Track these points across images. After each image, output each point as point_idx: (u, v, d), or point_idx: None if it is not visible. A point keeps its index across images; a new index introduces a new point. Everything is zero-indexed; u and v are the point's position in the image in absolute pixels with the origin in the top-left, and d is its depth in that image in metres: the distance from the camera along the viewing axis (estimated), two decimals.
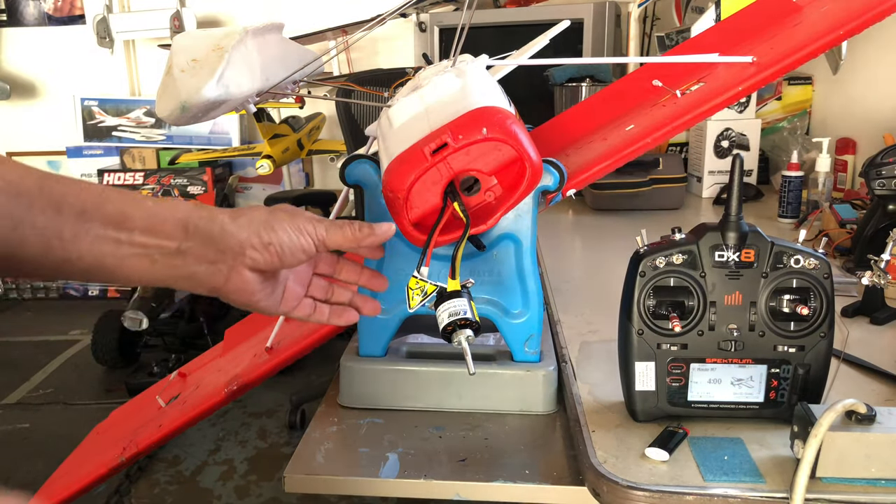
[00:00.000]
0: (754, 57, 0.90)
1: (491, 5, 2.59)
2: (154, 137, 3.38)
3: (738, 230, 0.71)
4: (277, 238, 0.60)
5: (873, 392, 0.82)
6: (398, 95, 0.78)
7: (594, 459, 0.69)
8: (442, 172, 0.68)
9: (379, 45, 3.07)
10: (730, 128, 1.83)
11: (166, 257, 0.57)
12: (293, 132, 2.73)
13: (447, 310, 0.68)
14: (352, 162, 0.82)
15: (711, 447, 0.71)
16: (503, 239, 0.82)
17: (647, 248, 0.73)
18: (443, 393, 0.86)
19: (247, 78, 0.77)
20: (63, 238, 0.53)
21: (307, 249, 0.62)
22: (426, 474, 0.74)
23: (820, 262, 0.71)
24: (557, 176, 0.79)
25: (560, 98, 2.00)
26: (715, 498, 0.64)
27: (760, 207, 1.75)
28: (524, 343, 0.84)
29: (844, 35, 0.88)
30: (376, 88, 1.94)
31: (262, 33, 0.81)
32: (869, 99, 1.87)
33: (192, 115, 0.71)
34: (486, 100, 0.70)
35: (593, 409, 0.79)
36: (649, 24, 2.33)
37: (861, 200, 1.55)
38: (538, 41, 1.06)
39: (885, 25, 0.93)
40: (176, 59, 0.73)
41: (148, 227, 0.56)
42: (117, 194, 0.56)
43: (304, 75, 0.86)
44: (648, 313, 0.73)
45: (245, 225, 0.60)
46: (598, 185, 1.68)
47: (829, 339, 0.72)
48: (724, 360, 0.73)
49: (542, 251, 1.38)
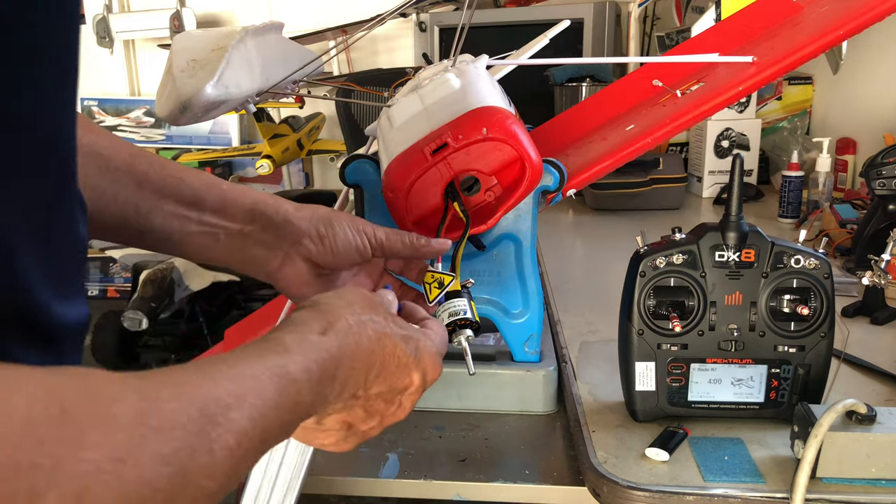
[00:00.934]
0: (754, 57, 0.90)
1: (491, 5, 2.59)
2: (154, 137, 3.38)
3: (738, 230, 0.71)
4: (334, 233, 0.62)
5: (874, 392, 0.82)
6: (398, 95, 0.78)
7: (594, 459, 0.69)
8: (442, 172, 0.68)
9: (379, 45, 3.06)
10: (730, 128, 1.83)
11: (230, 238, 0.60)
12: (293, 132, 2.72)
13: (447, 310, 0.68)
14: (352, 162, 0.81)
15: (711, 447, 0.71)
16: (503, 239, 0.82)
17: (647, 248, 0.73)
18: (443, 393, 0.86)
19: (247, 78, 0.77)
20: (139, 212, 0.57)
21: (362, 251, 0.62)
22: (426, 474, 0.74)
23: (820, 262, 0.71)
24: (557, 176, 0.79)
25: (560, 98, 2.00)
26: (715, 498, 0.64)
27: (761, 207, 1.74)
28: (524, 343, 0.84)
29: (844, 35, 0.88)
30: (376, 88, 1.94)
31: (262, 33, 0.81)
32: (869, 99, 1.86)
33: (191, 115, 0.71)
34: (486, 100, 0.70)
35: (593, 409, 0.79)
36: (649, 24, 2.32)
37: (861, 200, 1.55)
38: (538, 41, 1.06)
39: (885, 25, 0.93)
40: (176, 59, 0.73)
41: (217, 209, 0.60)
42: (195, 176, 0.60)
43: (303, 75, 0.86)
44: (648, 313, 0.73)
45: (306, 217, 0.62)
46: (598, 185, 1.68)
47: (830, 339, 0.72)
48: (724, 360, 0.73)
49: (542, 251, 1.37)
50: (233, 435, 0.31)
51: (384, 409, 0.49)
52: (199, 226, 0.60)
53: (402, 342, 0.47)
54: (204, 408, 0.30)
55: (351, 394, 0.44)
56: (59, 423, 0.24)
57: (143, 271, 2.46)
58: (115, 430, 0.26)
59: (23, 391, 0.24)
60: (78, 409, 0.25)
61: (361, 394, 0.46)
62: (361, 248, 0.62)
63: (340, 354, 0.42)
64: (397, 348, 0.47)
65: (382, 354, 0.46)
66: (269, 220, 0.61)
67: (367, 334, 0.45)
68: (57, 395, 0.25)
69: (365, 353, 0.44)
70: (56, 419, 0.24)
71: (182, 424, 0.28)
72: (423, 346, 0.50)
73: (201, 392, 0.31)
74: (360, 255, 0.63)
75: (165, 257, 2.67)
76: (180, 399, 0.29)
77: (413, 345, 0.48)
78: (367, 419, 0.49)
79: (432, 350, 0.51)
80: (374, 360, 0.45)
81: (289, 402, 0.36)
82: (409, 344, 0.48)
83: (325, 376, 0.40)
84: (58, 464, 0.23)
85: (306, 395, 0.38)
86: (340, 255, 0.62)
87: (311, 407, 0.39)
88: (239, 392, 0.33)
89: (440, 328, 0.55)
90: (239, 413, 0.32)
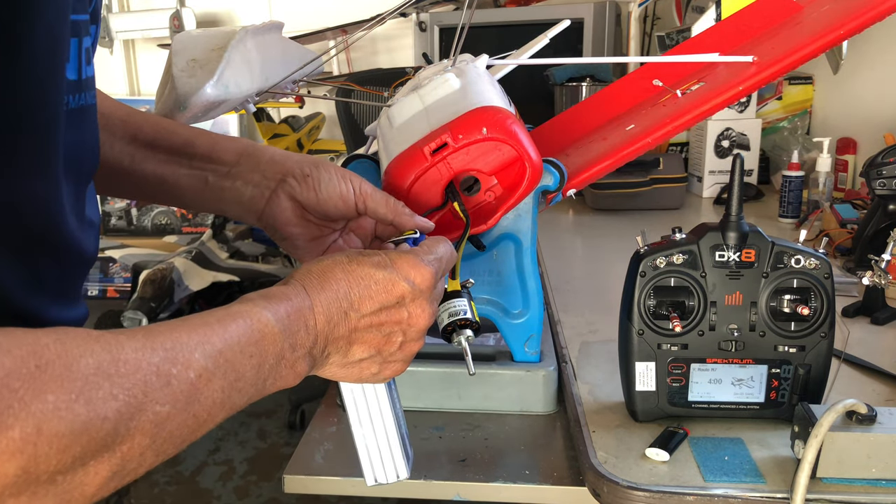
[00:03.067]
0: (754, 57, 0.90)
1: (491, 5, 2.59)
2: None
3: (738, 230, 0.71)
4: (318, 175, 0.63)
5: (874, 392, 0.82)
6: (398, 95, 0.78)
7: (594, 460, 0.69)
8: (442, 172, 0.68)
9: (379, 44, 3.06)
10: (730, 127, 1.83)
11: (218, 179, 0.64)
12: (293, 132, 2.73)
13: (447, 310, 0.68)
14: (352, 162, 0.81)
15: (712, 447, 0.71)
16: (503, 239, 0.82)
17: (647, 248, 0.73)
18: (443, 393, 0.86)
19: (246, 78, 0.77)
20: (134, 160, 0.63)
21: (346, 198, 0.63)
22: (426, 474, 0.74)
23: (820, 262, 0.71)
24: (557, 176, 0.79)
25: (560, 98, 2.00)
26: (715, 498, 0.64)
27: (761, 207, 1.74)
28: (524, 343, 0.84)
29: (844, 35, 0.88)
30: (376, 88, 1.94)
31: (262, 33, 0.81)
32: (869, 99, 1.86)
33: (191, 114, 0.71)
34: (486, 100, 0.70)
35: (593, 409, 0.79)
36: (649, 23, 2.32)
37: (862, 200, 1.55)
38: (538, 41, 1.06)
39: (885, 25, 0.93)
40: (175, 59, 0.73)
41: (207, 153, 0.64)
42: (186, 128, 0.65)
43: (303, 75, 0.86)
44: (649, 313, 0.73)
45: (293, 158, 0.65)
46: (598, 185, 1.68)
47: (830, 339, 0.72)
48: (724, 360, 0.73)
49: (542, 251, 1.37)
50: (193, 370, 0.39)
51: (396, 322, 0.52)
52: (190, 169, 0.64)
53: (371, 265, 0.52)
54: (168, 351, 0.38)
55: (342, 318, 0.50)
56: (31, 377, 0.32)
57: (142, 271, 2.46)
58: (74, 379, 0.33)
59: (11, 352, 0.32)
60: (50, 364, 0.33)
61: (354, 315, 0.50)
62: (345, 195, 0.63)
63: (306, 292, 0.48)
64: (370, 269, 0.51)
65: (357, 278, 0.50)
66: (255, 159, 0.64)
67: (332, 269, 0.50)
68: (35, 353, 0.32)
69: (335, 281, 0.50)
70: (30, 373, 0.32)
71: (139, 368, 0.36)
72: (396, 257, 0.53)
73: (168, 339, 0.39)
74: (344, 202, 0.63)
75: (165, 257, 2.67)
76: (144, 348, 0.37)
77: (385, 260, 0.52)
78: (388, 338, 0.53)
79: (408, 256, 0.54)
80: (348, 286, 0.50)
81: (252, 341, 0.43)
82: (380, 262, 0.52)
83: (291, 312, 0.46)
84: (24, 405, 0.31)
85: (273, 332, 0.45)
86: (324, 197, 0.63)
87: (283, 343, 0.45)
88: (202, 338, 0.40)
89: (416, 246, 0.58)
90: (201, 353, 0.40)
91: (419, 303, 0.53)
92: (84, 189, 0.53)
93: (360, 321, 0.51)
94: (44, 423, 0.31)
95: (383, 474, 0.59)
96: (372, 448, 0.58)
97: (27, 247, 0.45)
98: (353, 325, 0.51)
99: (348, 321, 0.50)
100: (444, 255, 0.57)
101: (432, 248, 0.57)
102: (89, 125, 0.52)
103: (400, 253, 0.54)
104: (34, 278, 0.46)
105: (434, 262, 0.55)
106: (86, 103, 0.50)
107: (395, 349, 0.54)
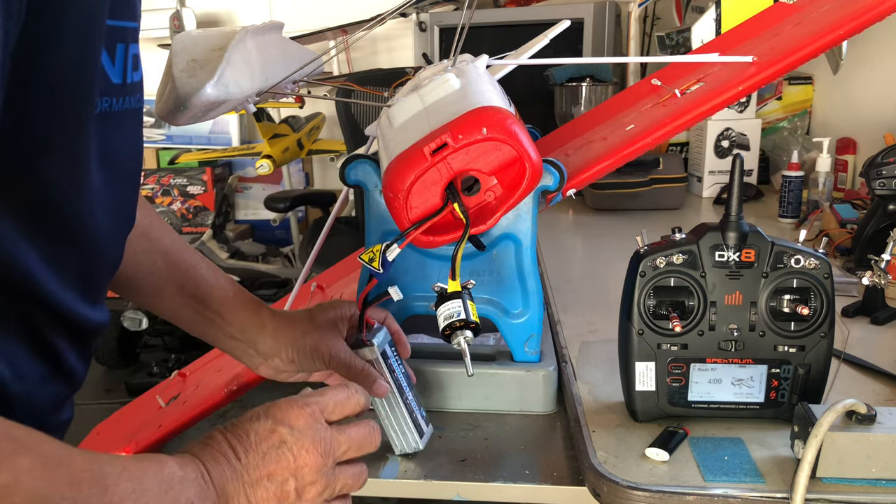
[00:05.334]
0: (754, 57, 0.90)
1: (491, 5, 2.59)
2: (154, 137, 3.37)
3: (738, 230, 0.71)
4: (300, 360, 0.76)
5: (874, 392, 0.82)
6: (398, 95, 0.78)
7: (594, 460, 0.69)
8: (442, 172, 0.68)
9: (379, 44, 3.06)
10: (730, 127, 1.83)
11: (226, 339, 0.77)
12: (293, 132, 2.72)
13: (442, 314, 0.68)
14: (352, 162, 0.81)
15: (712, 447, 0.71)
16: (503, 239, 0.82)
17: (647, 248, 0.73)
18: (443, 393, 0.86)
19: (246, 78, 0.76)
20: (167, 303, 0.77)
21: (321, 367, 0.76)
22: (426, 474, 0.74)
23: (820, 262, 0.71)
24: (557, 176, 0.79)
25: (560, 98, 2.00)
26: (715, 498, 0.64)
27: (761, 207, 1.75)
28: (524, 343, 0.84)
29: (844, 35, 0.88)
30: (376, 88, 1.94)
31: (262, 33, 0.81)
32: (869, 99, 1.87)
33: (191, 114, 0.71)
34: (486, 100, 0.70)
35: (593, 409, 0.79)
36: (649, 23, 2.32)
37: (861, 200, 1.55)
38: (538, 41, 1.06)
39: (885, 25, 0.93)
40: (175, 59, 0.73)
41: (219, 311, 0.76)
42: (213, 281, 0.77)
43: (303, 75, 0.86)
44: (649, 313, 0.73)
45: (282, 342, 0.76)
46: (598, 185, 1.68)
47: (830, 339, 0.72)
48: (724, 360, 0.73)
49: (542, 251, 1.37)
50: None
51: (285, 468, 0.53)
52: (202, 317, 0.76)
53: (246, 419, 0.54)
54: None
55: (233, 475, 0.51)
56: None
57: None
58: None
59: None
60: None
61: (241, 468, 0.52)
62: (320, 367, 0.75)
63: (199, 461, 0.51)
64: (246, 423, 0.54)
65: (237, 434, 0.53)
66: (253, 340, 0.76)
67: (212, 434, 0.53)
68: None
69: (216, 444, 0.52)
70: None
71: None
72: (270, 405, 0.56)
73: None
74: (319, 368, 0.76)
75: None
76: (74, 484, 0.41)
77: (258, 412, 0.55)
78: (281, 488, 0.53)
79: (282, 402, 0.56)
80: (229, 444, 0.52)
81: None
82: (254, 414, 0.55)
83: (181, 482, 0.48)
84: None
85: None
86: (304, 369, 0.77)
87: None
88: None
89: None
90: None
91: (301, 443, 0.54)
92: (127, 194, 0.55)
93: (250, 474, 0.52)
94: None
95: (403, 447, 0.76)
96: (394, 428, 0.75)
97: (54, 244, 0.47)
98: (243, 480, 0.51)
99: (238, 477, 0.51)
100: (334, 397, 0.58)
101: (319, 391, 0.59)
102: (132, 128, 0.53)
103: (275, 401, 0.56)
104: (63, 274, 0.49)
105: (314, 402, 0.57)
106: (130, 107, 0.51)
107: (294, 499, 0.54)
